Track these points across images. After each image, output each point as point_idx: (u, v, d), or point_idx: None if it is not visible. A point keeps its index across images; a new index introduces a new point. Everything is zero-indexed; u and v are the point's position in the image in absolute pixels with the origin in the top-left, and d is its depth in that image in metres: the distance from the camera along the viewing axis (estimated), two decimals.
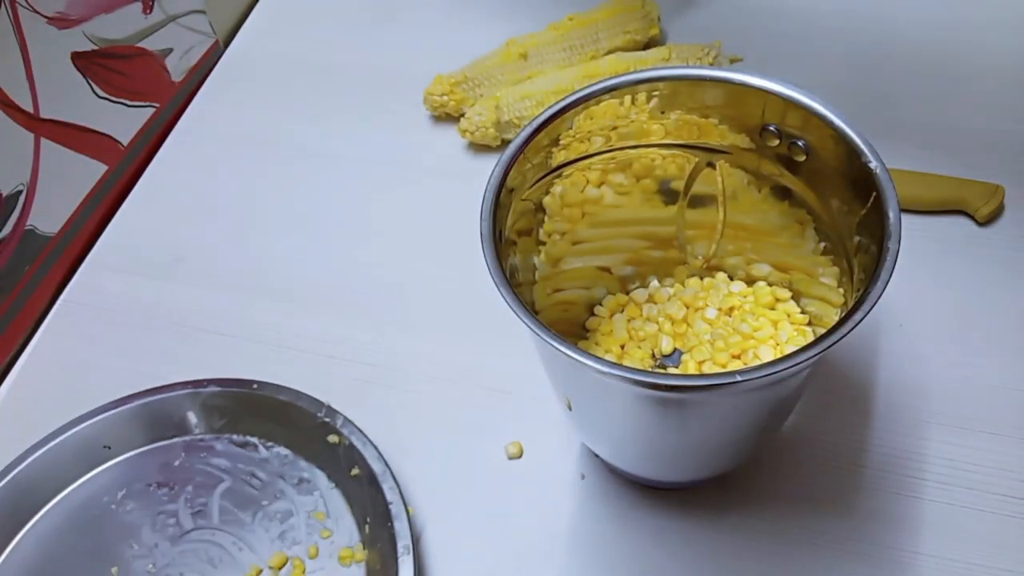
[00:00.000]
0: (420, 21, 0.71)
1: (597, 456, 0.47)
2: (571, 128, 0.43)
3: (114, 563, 0.46)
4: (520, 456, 0.48)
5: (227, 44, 0.72)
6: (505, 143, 0.61)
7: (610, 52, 0.63)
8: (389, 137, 0.64)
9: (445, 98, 0.62)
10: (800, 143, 0.41)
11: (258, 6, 0.74)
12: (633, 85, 0.42)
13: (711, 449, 0.41)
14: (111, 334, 0.56)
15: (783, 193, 0.44)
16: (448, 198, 0.59)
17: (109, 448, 0.49)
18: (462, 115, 0.62)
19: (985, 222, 0.54)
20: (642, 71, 0.42)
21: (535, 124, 0.41)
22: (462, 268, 0.48)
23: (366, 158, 0.63)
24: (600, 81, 0.42)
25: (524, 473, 0.48)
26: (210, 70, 0.70)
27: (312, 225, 0.60)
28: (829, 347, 0.34)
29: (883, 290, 0.35)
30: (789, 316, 0.47)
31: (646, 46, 0.65)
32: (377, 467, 0.46)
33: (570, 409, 0.42)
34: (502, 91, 0.61)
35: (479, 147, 0.62)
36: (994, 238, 0.54)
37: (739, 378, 0.33)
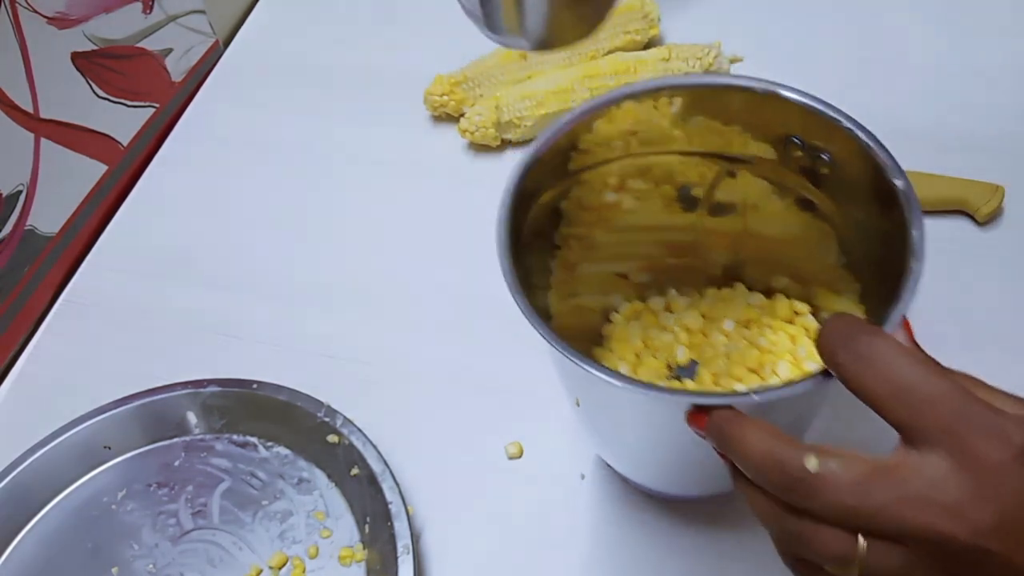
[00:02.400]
0: (420, 21, 0.71)
1: (597, 456, 0.47)
2: (591, 132, 0.42)
3: (114, 563, 0.46)
4: (520, 456, 0.48)
5: (227, 44, 0.72)
6: (505, 143, 0.61)
7: (610, 52, 0.63)
8: (389, 137, 0.64)
9: (445, 98, 0.62)
10: (824, 156, 0.40)
11: (258, 6, 0.74)
12: (655, 91, 0.41)
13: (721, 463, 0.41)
14: (111, 334, 0.56)
15: (805, 205, 0.43)
16: (448, 198, 0.59)
17: (109, 448, 0.49)
18: (462, 115, 0.62)
19: (985, 222, 0.54)
20: (666, 78, 0.41)
21: (556, 127, 0.40)
22: (462, 268, 0.48)
23: (366, 158, 0.63)
24: (622, 86, 0.41)
25: (524, 473, 0.48)
26: (210, 70, 0.70)
27: (312, 225, 0.60)
28: None
29: (905, 310, 0.33)
30: (807, 330, 0.46)
31: (646, 46, 0.65)
32: (377, 467, 0.46)
33: (578, 406, 0.42)
34: (502, 91, 0.61)
35: (479, 147, 0.62)
36: (994, 238, 0.54)
37: (756, 398, 0.33)
